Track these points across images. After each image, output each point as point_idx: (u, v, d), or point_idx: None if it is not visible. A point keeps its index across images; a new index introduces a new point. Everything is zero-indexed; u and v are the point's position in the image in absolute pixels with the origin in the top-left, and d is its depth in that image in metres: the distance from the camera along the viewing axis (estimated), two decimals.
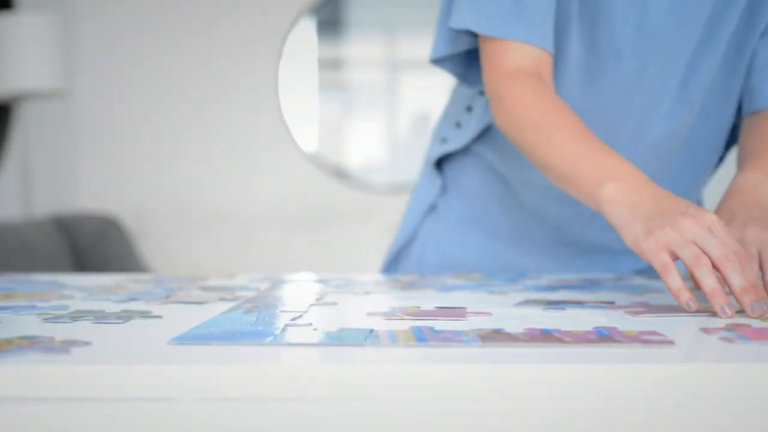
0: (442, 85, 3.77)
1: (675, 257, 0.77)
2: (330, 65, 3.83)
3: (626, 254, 1.16)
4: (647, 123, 1.06)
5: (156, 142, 3.63)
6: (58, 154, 3.53)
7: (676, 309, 0.77)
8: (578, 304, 0.82)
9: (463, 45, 1.06)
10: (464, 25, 1.00)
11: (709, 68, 1.05)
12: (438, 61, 1.09)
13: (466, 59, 1.11)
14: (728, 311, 0.73)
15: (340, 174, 3.71)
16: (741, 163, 1.03)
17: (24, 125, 3.10)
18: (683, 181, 1.13)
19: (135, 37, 3.60)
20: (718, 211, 0.94)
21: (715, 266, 0.75)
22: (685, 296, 0.75)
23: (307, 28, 3.72)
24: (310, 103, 3.79)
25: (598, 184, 0.86)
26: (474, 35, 1.05)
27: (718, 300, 0.73)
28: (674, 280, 0.75)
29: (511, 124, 0.98)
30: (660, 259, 0.77)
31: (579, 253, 1.17)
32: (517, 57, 0.98)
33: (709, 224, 0.76)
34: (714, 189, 1.24)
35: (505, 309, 0.79)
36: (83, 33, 3.59)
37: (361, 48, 3.84)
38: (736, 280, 0.74)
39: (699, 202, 1.21)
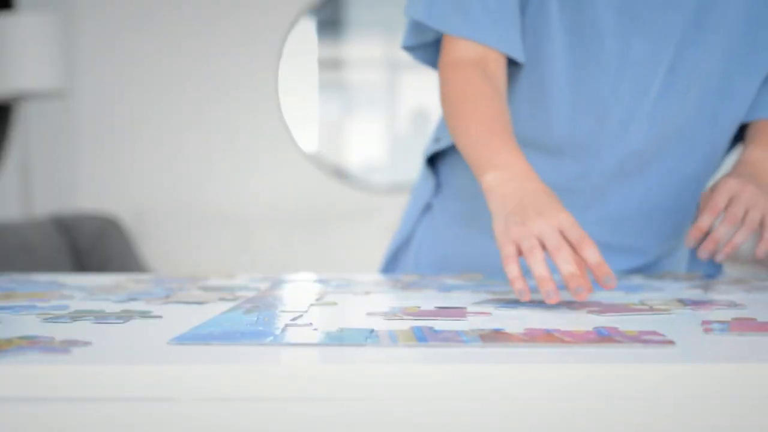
0: None
1: (521, 252, 0.83)
2: (330, 65, 3.83)
3: (621, 251, 1.15)
4: (636, 107, 1.06)
5: (156, 142, 3.63)
6: (58, 154, 3.53)
7: (636, 309, 0.77)
8: (537, 303, 0.82)
9: (429, 35, 1.12)
10: (416, 16, 1.07)
11: (699, 55, 1.05)
12: (409, 50, 1.14)
13: (436, 49, 1.14)
14: (552, 296, 0.78)
15: (340, 174, 3.70)
16: (747, 142, 1.11)
17: (24, 125, 3.10)
18: (691, 182, 1.13)
19: (135, 37, 3.60)
20: (729, 174, 1.03)
21: (550, 256, 0.82)
22: (519, 285, 0.81)
23: (307, 28, 3.72)
24: (310, 103, 3.79)
25: (482, 172, 0.93)
26: None
27: (545, 285, 0.79)
28: (512, 269, 0.82)
29: (443, 108, 1.05)
30: (505, 250, 0.84)
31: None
32: (461, 49, 1.05)
33: (558, 223, 0.83)
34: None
35: (471, 306, 0.79)
36: (83, 33, 3.59)
37: (361, 48, 3.84)
38: (564, 268, 0.80)
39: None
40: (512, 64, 1.09)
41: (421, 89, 3.81)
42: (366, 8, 3.83)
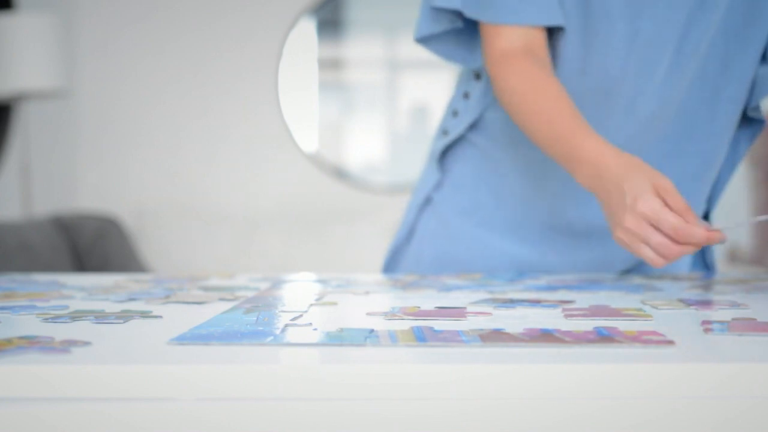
0: (441, 85, 3.76)
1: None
2: (330, 65, 3.83)
3: None
4: (643, 87, 1.07)
5: (156, 142, 3.63)
6: (58, 154, 3.53)
7: (623, 314, 0.76)
8: (534, 303, 0.82)
9: (444, 24, 1.10)
10: (450, 4, 1.05)
11: (702, 34, 1.07)
12: (424, 41, 1.13)
13: (455, 38, 1.13)
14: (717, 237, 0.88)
15: (340, 174, 3.70)
16: None
17: (24, 125, 3.10)
18: (690, 166, 1.13)
19: (135, 37, 3.60)
20: None
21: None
22: (659, 263, 0.89)
23: (307, 28, 3.72)
24: (310, 103, 3.79)
25: (574, 170, 0.97)
26: (456, 13, 1.08)
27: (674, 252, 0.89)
28: (644, 255, 0.90)
29: (504, 104, 1.06)
30: (633, 248, 0.91)
31: (574, 239, 1.16)
32: (505, 39, 1.04)
33: (647, 213, 0.88)
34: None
35: (469, 306, 0.79)
36: (83, 33, 3.59)
37: (361, 48, 3.84)
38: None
39: (707, 198, 1.21)
40: None
41: (421, 89, 3.81)
42: (366, 8, 3.83)
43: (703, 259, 1.25)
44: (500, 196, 1.18)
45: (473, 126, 1.18)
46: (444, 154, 1.23)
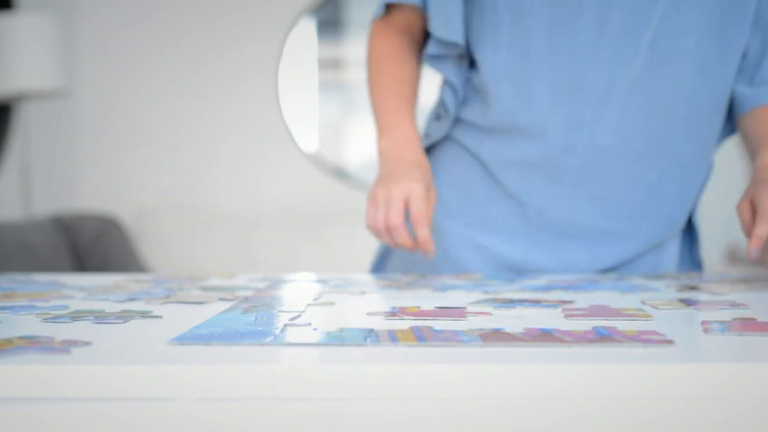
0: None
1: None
2: (330, 65, 3.83)
3: (610, 235, 1.15)
4: (616, 77, 1.08)
5: (156, 142, 3.63)
6: (58, 154, 3.53)
7: (623, 314, 0.75)
8: (534, 303, 0.82)
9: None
10: None
11: (677, 32, 1.07)
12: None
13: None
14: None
15: (340, 174, 3.70)
16: (757, 147, 1.10)
17: (24, 125, 3.10)
18: (671, 167, 1.13)
19: (135, 37, 3.60)
20: (752, 185, 1.02)
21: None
22: (376, 229, 1.05)
23: (307, 28, 3.72)
24: (310, 103, 3.79)
25: (378, 137, 1.13)
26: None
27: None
28: (369, 218, 1.06)
29: (366, 67, 1.23)
30: (367, 206, 1.07)
31: (560, 238, 1.16)
32: (395, 15, 1.21)
33: (406, 193, 1.03)
34: (709, 198, 1.24)
35: (467, 306, 0.79)
36: (83, 33, 3.59)
37: (361, 48, 3.84)
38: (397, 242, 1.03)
39: (694, 205, 1.21)
40: (494, 42, 1.11)
41: (421, 89, 3.81)
42: (366, 8, 3.82)
43: (690, 257, 1.25)
44: (487, 196, 1.18)
45: (456, 124, 1.20)
46: (429, 156, 1.24)
